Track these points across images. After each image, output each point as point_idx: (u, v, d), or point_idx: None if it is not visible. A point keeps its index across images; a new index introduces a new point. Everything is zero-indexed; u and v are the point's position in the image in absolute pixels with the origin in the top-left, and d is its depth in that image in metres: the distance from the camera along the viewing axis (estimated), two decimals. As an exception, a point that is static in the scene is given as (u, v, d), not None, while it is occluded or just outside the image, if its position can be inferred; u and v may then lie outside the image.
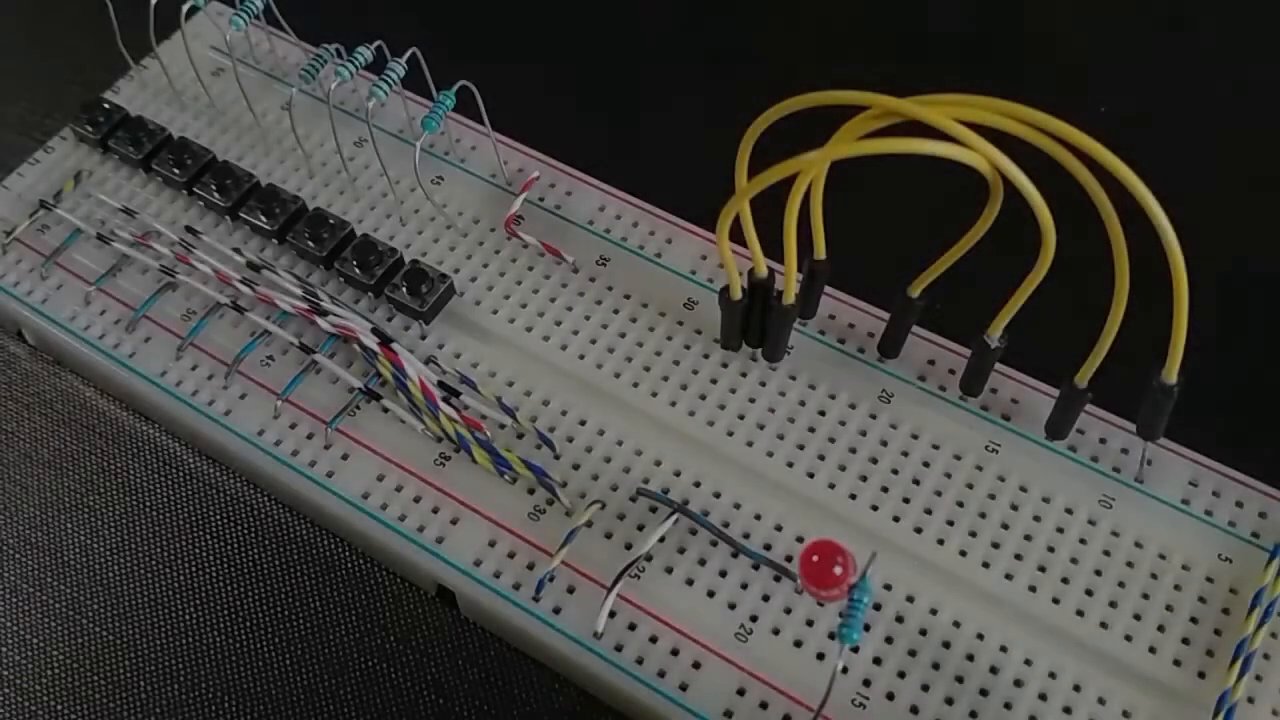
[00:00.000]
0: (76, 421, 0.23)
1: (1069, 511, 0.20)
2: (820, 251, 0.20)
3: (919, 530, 0.20)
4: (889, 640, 0.19)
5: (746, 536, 0.20)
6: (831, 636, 0.19)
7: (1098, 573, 0.19)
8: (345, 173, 0.24)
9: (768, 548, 0.20)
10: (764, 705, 0.18)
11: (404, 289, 0.22)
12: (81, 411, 0.23)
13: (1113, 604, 0.19)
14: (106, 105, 0.25)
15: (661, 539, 0.20)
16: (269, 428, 0.21)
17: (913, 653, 0.19)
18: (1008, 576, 0.19)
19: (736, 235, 0.20)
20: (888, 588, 0.19)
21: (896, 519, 0.20)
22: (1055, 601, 0.19)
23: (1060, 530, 0.20)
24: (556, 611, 0.19)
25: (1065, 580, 0.19)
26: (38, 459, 0.22)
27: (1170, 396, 0.19)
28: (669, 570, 0.19)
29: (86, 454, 0.22)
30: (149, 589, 0.21)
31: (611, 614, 0.19)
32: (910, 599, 0.19)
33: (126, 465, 0.22)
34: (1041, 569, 0.19)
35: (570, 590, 0.19)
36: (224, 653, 0.20)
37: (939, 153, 0.16)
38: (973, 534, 0.20)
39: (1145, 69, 0.28)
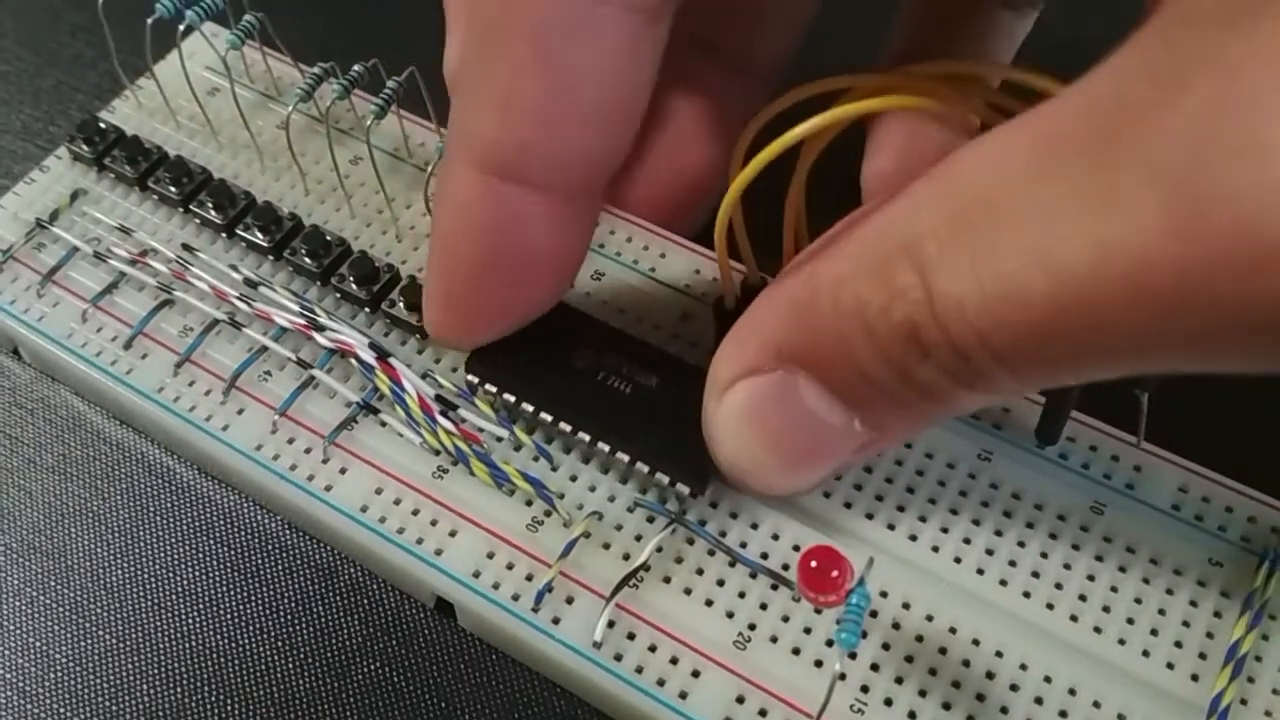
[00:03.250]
0: (80, 429, 0.23)
1: (1061, 518, 0.20)
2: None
3: (914, 538, 0.20)
4: (886, 647, 0.19)
5: (743, 545, 0.20)
6: (829, 643, 0.19)
7: (1090, 578, 0.20)
8: (341, 190, 0.24)
9: (764, 556, 0.20)
10: (763, 713, 0.18)
11: (401, 304, 0.22)
12: (80, 424, 0.23)
13: (1106, 609, 0.19)
14: (102, 125, 0.25)
15: (659, 549, 0.20)
16: (267, 442, 0.21)
17: (910, 659, 0.19)
18: (1002, 583, 0.20)
19: (734, 252, 0.20)
20: (884, 595, 0.19)
21: (891, 527, 0.20)
22: (1049, 607, 0.19)
23: (1053, 537, 0.20)
24: (555, 622, 0.19)
25: (1059, 586, 0.19)
26: (42, 464, 0.22)
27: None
28: (667, 580, 0.20)
29: (91, 460, 0.22)
30: (152, 594, 0.21)
31: (610, 624, 0.19)
32: (906, 606, 0.19)
33: (129, 472, 0.22)
34: (1035, 575, 0.20)
35: (569, 600, 0.19)
36: (226, 657, 0.20)
37: (919, 105, 0.17)
38: (967, 541, 0.20)
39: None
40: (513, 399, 0.21)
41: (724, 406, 0.18)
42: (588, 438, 0.20)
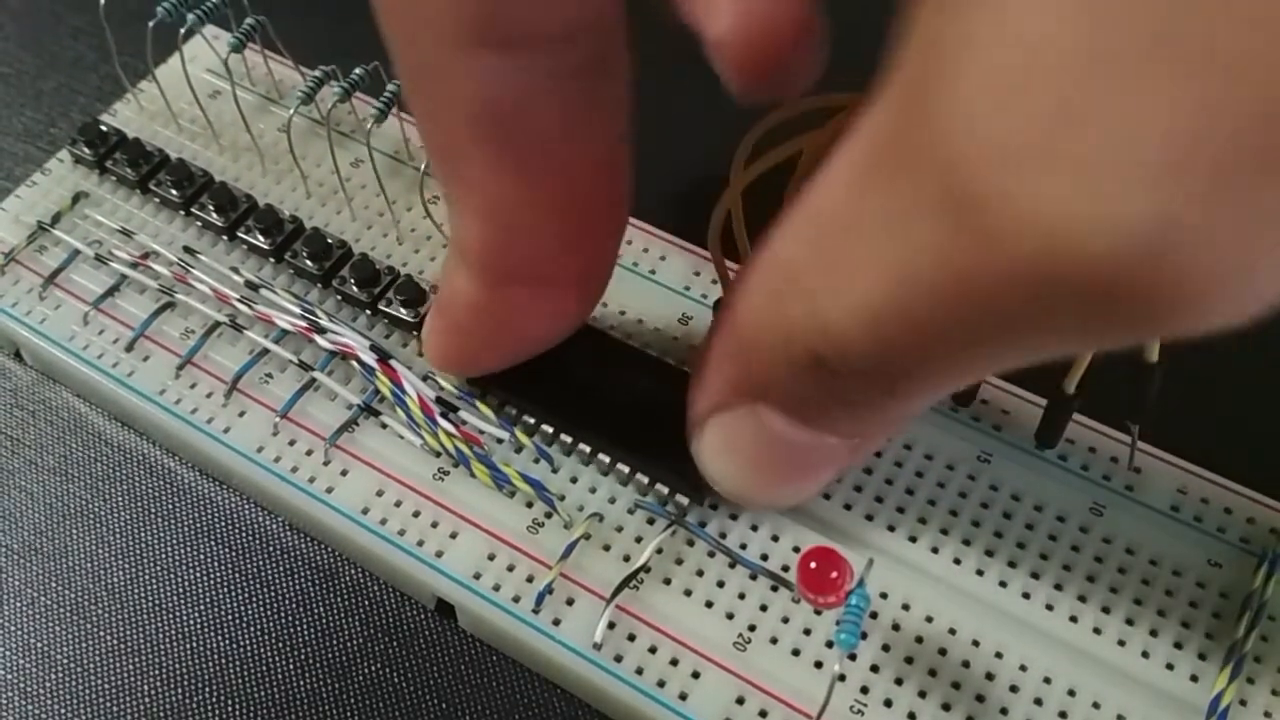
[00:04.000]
0: (82, 431, 0.23)
1: (1061, 520, 0.20)
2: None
3: (913, 539, 0.20)
4: (886, 648, 0.19)
5: (743, 547, 0.20)
6: (829, 644, 0.19)
7: (1090, 579, 0.20)
8: (342, 192, 0.24)
9: (764, 558, 0.20)
10: (763, 714, 0.18)
11: (401, 306, 0.22)
12: (81, 426, 0.23)
13: (1105, 610, 0.19)
14: (104, 128, 0.25)
15: (659, 550, 0.20)
16: (268, 444, 0.21)
17: (909, 660, 0.19)
18: (1002, 584, 0.20)
19: (730, 254, 0.20)
20: (884, 596, 0.19)
21: (891, 528, 0.20)
22: (1049, 608, 0.19)
23: (1053, 538, 0.20)
24: (556, 623, 0.19)
25: (1059, 587, 0.19)
26: (43, 466, 0.22)
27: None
28: (667, 581, 0.20)
29: (92, 461, 0.23)
30: (153, 595, 0.21)
31: (611, 625, 0.19)
32: (906, 607, 0.19)
33: (130, 474, 0.22)
34: (1035, 576, 0.20)
35: (569, 602, 0.19)
36: (226, 658, 0.20)
37: None
38: (966, 542, 0.20)
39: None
40: (514, 411, 0.21)
41: (703, 442, 0.18)
42: (588, 448, 0.21)
